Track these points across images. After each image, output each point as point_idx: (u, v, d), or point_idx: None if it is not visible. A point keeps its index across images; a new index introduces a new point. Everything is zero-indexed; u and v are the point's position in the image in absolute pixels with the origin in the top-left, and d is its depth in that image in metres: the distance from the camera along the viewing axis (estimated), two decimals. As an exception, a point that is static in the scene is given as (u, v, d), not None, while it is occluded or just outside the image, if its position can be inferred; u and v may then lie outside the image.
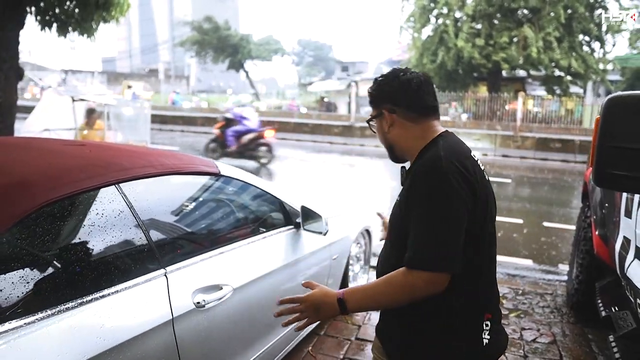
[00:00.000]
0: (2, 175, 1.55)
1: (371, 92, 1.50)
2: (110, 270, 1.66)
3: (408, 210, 1.31)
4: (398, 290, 1.27)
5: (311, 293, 1.37)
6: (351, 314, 1.32)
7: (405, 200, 1.34)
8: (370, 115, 1.52)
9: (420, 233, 1.25)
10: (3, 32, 5.95)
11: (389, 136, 1.47)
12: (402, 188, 1.44)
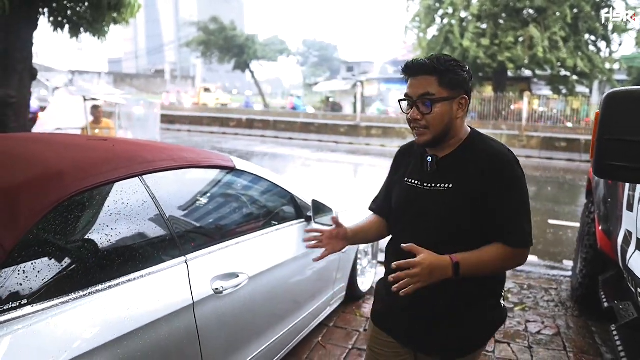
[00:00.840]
0: (35, 166, 1.66)
1: (452, 70, 1.42)
2: (136, 257, 1.76)
3: (491, 195, 1.42)
4: (505, 264, 1.47)
5: (425, 257, 1.34)
6: (459, 276, 1.37)
7: (488, 186, 1.42)
8: (442, 94, 1.42)
9: (521, 215, 1.46)
10: (17, 34, 6.08)
11: (455, 121, 1.46)
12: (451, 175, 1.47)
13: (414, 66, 1.45)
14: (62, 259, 1.56)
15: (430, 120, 1.43)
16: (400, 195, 1.58)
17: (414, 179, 1.55)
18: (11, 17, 5.59)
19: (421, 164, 1.54)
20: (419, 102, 1.44)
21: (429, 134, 1.45)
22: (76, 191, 1.61)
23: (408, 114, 1.48)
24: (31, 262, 1.45)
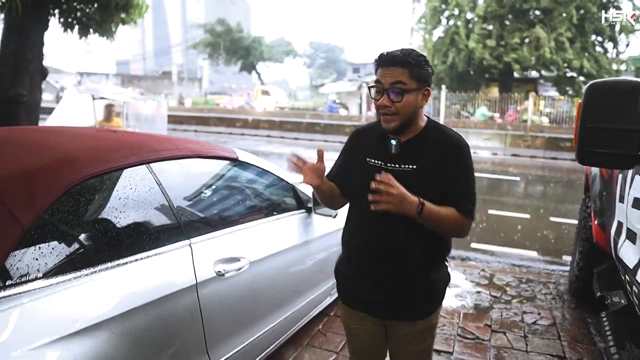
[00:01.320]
0: (51, 153, 1.78)
1: (421, 65, 1.57)
2: (143, 238, 1.87)
3: (447, 175, 1.61)
4: (456, 226, 1.62)
5: (401, 188, 1.48)
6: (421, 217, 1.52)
7: (445, 167, 1.61)
8: (411, 85, 1.56)
9: (470, 192, 1.64)
10: (28, 34, 6.23)
11: (418, 110, 1.63)
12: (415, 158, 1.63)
13: (388, 57, 1.58)
14: (75, 237, 1.68)
15: (400, 107, 1.57)
16: (364, 174, 1.68)
17: (377, 159, 1.68)
18: (23, 18, 5.73)
19: (383, 146, 1.67)
20: (391, 90, 1.56)
21: (397, 120, 1.59)
22: (88, 175, 1.72)
23: (377, 100, 1.60)
24: (46, 239, 1.57)
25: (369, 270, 1.71)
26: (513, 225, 6.98)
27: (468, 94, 21.24)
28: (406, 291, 1.68)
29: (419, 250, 1.63)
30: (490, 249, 5.80)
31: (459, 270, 4.66)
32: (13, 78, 6.10)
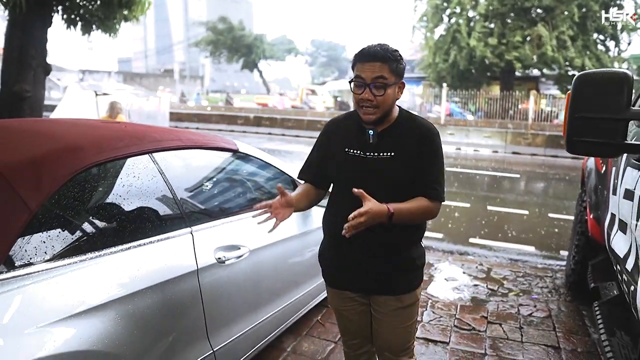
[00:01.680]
0: (57, 141, 1.84)
1: (398, 60, 1.66)
2: (145, 225, 1.93)
3: (421, 160, 1.71)
4: (426, 215, 1.73)
5: (370, 208, 1.56)
6: (391, 223, 1.63)
7: (419, 152, 1.71)
8: (391, 80, 1.65)
9: (440, 176, 1.74)
10: (31, 31, 6.30)
11: (394, 102, 1.72)
12: (397, 146, 1.72)
13: (370, 53, 1.64)
14: (80, 222, 1.74)
15: (382, 101, 1.65)
16: (343, 163, 1.77)
17: (355, 148, 1.75)
18: (26, 14, 5.80)
19: (361, 137, 1.75)
20: (373, 85, 1.63)
21: (378, 113, 1.67)
22: (93, 163, 1.78)
23: (359, 94, 1.66)
24: (53, 223, 1.64)
25: (349, 252, 1.80)
26: (512, 221, 7.04)
27: (469, 92, 21.25)
28: (385, 269, 1.79)
29: (395, 232, 1.71)
30: (489, 244, 5.85)
31: (457, 264, 4.72)
32: (17, 74, 6.18)
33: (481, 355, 2.97)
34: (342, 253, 1.84)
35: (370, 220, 1.57)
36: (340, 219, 1.80)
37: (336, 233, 1.84)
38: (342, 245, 1.81)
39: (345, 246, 1.79)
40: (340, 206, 1.81)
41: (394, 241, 1.77)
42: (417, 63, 28.46)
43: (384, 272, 1.80)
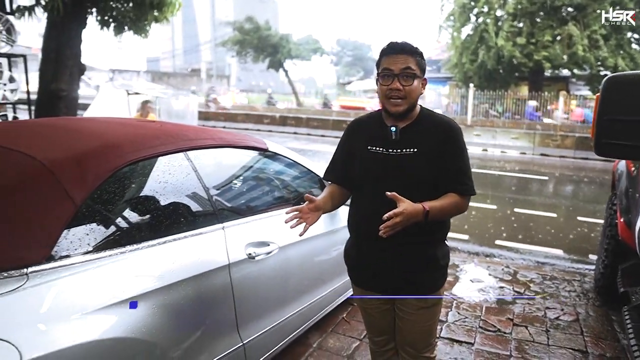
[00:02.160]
0: (98, 139, 1.93)
1: (422, 57, 1.76)
2: (180, 220, 2.01)
3: (445, 156, 1.74)
4: (458, 210, 1.76)
5: (405, 207, 1.59)
6: (427, 220, 1.66)
7: (443, 148, 1.74)
8: (418, 72, 1.72)
9: (468, 170, 1.78)
10: (68, 32, 6.51)
11: (419, 96, 1.77)
12: (418, 143, 1.75)
13: (399, 46, 1.73)
14: (119, 216, 1.83)
15: (409, 91, 1.71)
16: (366, 161, 1.81)
17: (378, 146, 1.79)
18: (63, 16, 6.00)
19: (383, 134, 1.79)
20: (402, 75, 1.70)
21: (405, 104, 1.73)
22: (132, 160, 1.87)
23: (387, 85, 1.72)
24: (95, 216, 1.73)
25: (374, 251, 1.83)
26: (539, 223, 6.94)
27: (497, 92, 20.94)
28: (410, 268, 1.81)
29: (420, 230, 1.72)
30: (515, 247, 5.80)
31: (482, 266, 4.70)
32: (54, 73, 6.40)
33: (506, 356, 2.96)
34: (366, 252, 1.88)
35: (406, 220, 1.60)
36: (364, 217, 1.85)
37: (360, 232, 1.90)
38: (367, 243, 1.85)
39: (370, 245, 1.83)
40: (364, 204, 1.86)
41: (419, 240, 1.78)
42: (444, 63, 28.19)
43: (408, 271, 1.82)
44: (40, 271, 1.49)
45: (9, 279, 1.43)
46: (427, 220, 1.66)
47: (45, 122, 2.37)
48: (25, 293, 1.43)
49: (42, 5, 6.01)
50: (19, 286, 1.43)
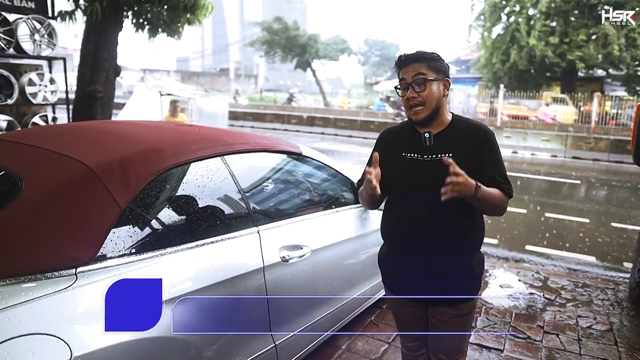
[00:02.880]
0: (139, 143, 2.01)
1: (436, 59, 1.76)
2: (218, 223, 2.07)
3: (481, 159, 1.75)
4: (501, 206, 1.77)
5: (462, 173, 1.58)
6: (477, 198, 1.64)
7: (479, 153, 1.76)
8: (431, 75, 1.73)
9: (504, 173, 1.79)
10: (105, 35, 6.71)
11: (443, 100, 1.79)
12: (451, 147, 1.76)
13: (406, 57, 1.78)
14: (160, 219, 1.90)
15: (425, 96, 1.74)
16: (402, 167, 1.81)
17: (412, 152, 1.80)
18: (101, 20, 6.19)
19: (416, 141, 1.80)
20: (414, 83, 1.74)
21: (425, 110, 1.75)
22: (173, 164, 1.94)
23: (404, 96, 1.77)
24: (138, 219, 1.80)
25: (409, 259, 1.84)
26: (571, 229, 6.80)
27: (527, 93, 20.53)
28: (446, 276, 1.81)
29: (456, 238, 1.75)
30: (546, 252, 5.70)
31: (512, 271, 4.64)
32: (91, 75, 6.60)
33: (537, 365, 2.94)
34: (401, 259, 1.89)
35: (463, 185, 1.57)
36: (400, 223, 1.87)
37: (395, 239, 1.92)
38: (402, 250, 1.87)
39: (405, 251, 1.85)
40: (400, 211, 1.87)
41: (454, 247, 1.79)
42: (473, 63, 27.79)
43: (442, 279, 1.83)
44: (88, 271, 1.57)
45: (60, 279, 1.51)
46: (477, 196, 1.63)
47: (88, 126, 2.47)
48: (74, 292, 1.51)
49: (81, 9, 6.21)
50: (68, 285, 1.51)
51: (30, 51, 5.31)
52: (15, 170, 1.79)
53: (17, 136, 2.29)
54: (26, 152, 1.96)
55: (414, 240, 1.80)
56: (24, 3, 5.37)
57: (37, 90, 5.38)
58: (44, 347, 1.37)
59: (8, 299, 1.38)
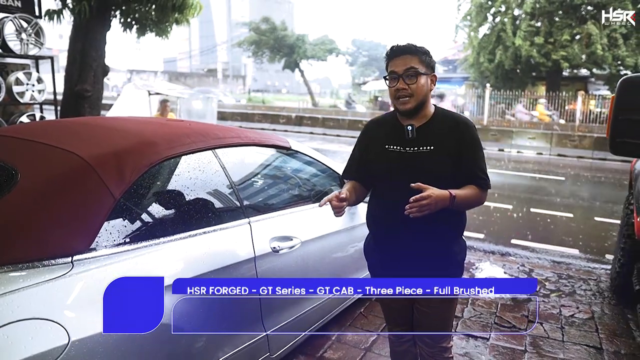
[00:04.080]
0: (133, 136, 2.05)
1: (427, 54, 1.83)
2: (209, 214, 2.12)
3: (462, 152, 1.81)
4: (478, 202, 1.86)
5: (432, 191, 1.67)
6: (453, 206, 1.74)
7: (459, 146, 1.81)
8: (422, 69, 1.79)
9: (484, 165, 1.86)
10: (92, 34, 6.71)
11: (429, 94, 1.85)
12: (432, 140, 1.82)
13: (398, 49, 1.83)
14: (154, 209, 1.95)
15: (415, 89, 1.79)
16: (384, 159, 1.88)
17: (395, 145, 1.86)
18: (89, 19, 6.20)
19: (399, 133, 1.86)
20: (405, 75, 1.79)
21: (412, 101, 1.81)
22: (166, 157, 1.99)
23: (393, 87, 1.81)
24: (132, 209, 1.84)
25: (393, 247, 1.91)
26: (555, 223, 6.94)
27: (513, 92, 20.79)
28: (428, 262, 1.88)
29: (438, 226, 1.81)
30: (531, 246, 5.82)
31: (498, 264, 4.75)
32: (79, 75, 6.60)
33: (521, 352, 3.02)
34: (385, 247, 1.96)
35: (434, 203, 1.67)
36: (383, 214, 1.94)
37: (379, 228, 1.99)
38: (386, 239, 1.94)
39: (389, 241, 1.92)
40: (383, 202, 1.94)
41: (436, 235, 1.86)
42: (460, 63, 28.06)
43: (426, 265, 1.88)
44: (84, 259, 1.62)
45: (56, 267, 1.56)
46: (454, 206, 1.73)
47: (83, 121, 2.51)
48: (71, 279, 1.56)
49: (69, 8, 6.21)
50: (65, 273, 1.55)
51: (17, 50, 5.30)
52: (11, 163, 1.83)
53: (12, 131, 2.33)
54: (22, 146, 2.00)
55: (397, 229, 1.86)
56: (10, 2, 5.36)
57: (24, 90, 5.38)
58: (43, 331, 1.42)
59: (7, 285, 1.43)
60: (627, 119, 1.82)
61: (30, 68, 5.78)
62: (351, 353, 2.94)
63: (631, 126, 1.82)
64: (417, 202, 1.66)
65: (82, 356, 1.46)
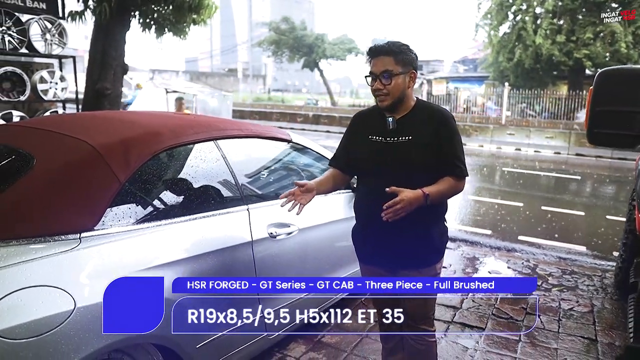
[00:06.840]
0: (139, 127, 2.21)
1: (404, 52, 1.92)
2: (209, 200, 2.27)
3: (439, 142, 1.92)
4: (455, 192, 1.96)
5: (405, 194, 1.79)
6: (428, 203, 1.85)
7: (437, 135, 1.92)
8: (397, 70, 1.90)
9: (461, 154, 1.96)
10: (112, 34, 6.95)
11: (406, 91, 1.96)
12: (415, 129, 1.95)
13: (375, 49, 1.95)
14: (157, 194, 2.11)
15: (390, 89, 1.93)
16: (366, 149, 2.02)
17: (377, 135, 2.00)
18: (109, 20, 6.43)
19: (382, 124, 1.99)
20: (381, 76, 1.92)
21: (389, 99, 1.94)
22: (169, 146, 2.14)
23: (372, 86, 1.95)
24: (136, 193, 2.00)
25: (377, 231, 2.03)
26: (565, 221, 6.92)
27: (533, 91, 20.56)
28: (409, 244, 2.00)
29: (418, 210, 1.87)
30: (538, 242, 5.85)
31: (502, 259, 4.80)
32: (99, 73, 6.85)
33: (515, 341, 3.10)
34: (370, 232, 2.08)
35: (408, 206, 1.80)
36: (367, 201, 2.08)
37: (363, 214, 2.13)
38: (370, 224, 2.06)
39: (373, 226, 2.03)
40: (367, 190, 2.08)
41: (418, 220, 1.95)
42: (480, 62, 27.83)
43: (408, 248, 2.01)
44: (90, 237, 1.78)
45: (65, 241, 1.72)
46: (428, 203, 1.85)
47: (94, 114, 2.69)
48: (78, 253, 1.72)
49: (90, 9, 6.46)
50: (73, 247, 1.72)
51: (41, 50, 5.56)
52: (29, 150, 2.00)
53: (30, 123, 2.52)
54: (39, 135, 2.18)
55: (378, 214, 1.97)
56: (35, 4, 5.62)
57: (48, 88, 5.64)
58: (52, 297, 1.58)
59: (21, 256, 1.59)
60: (604, 110, 1.90)
61: (53, 67, 6.04)
62: (348, 338, 3.06)
63: (608, 117, 1.91)
64: (391, 207, 1.78)
65: (86, 321, 1.62)
